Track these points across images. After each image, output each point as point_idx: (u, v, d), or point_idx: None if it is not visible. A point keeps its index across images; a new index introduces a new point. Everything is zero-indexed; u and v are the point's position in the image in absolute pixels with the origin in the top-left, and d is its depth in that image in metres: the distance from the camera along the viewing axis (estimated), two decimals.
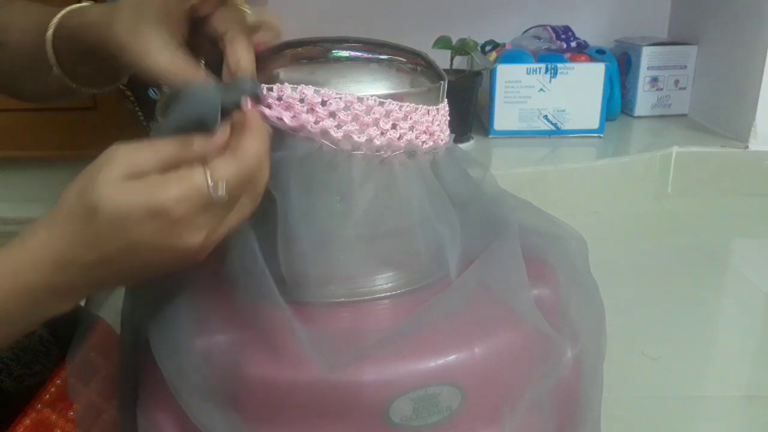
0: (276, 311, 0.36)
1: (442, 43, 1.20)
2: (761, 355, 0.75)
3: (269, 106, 0.37)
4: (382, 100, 0.38)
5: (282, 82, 0.37)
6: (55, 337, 0.47)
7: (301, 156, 0.37)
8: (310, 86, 0.37)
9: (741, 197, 1.21)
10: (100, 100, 1.28)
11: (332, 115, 0.37)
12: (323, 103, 0.37)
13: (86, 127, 1.29)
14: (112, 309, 0.53)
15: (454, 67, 1.27)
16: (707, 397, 0.67)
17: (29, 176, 1.33)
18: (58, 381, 0.46)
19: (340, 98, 0.37)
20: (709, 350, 0.76)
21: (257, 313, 0.37)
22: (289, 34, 0.42)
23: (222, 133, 0.34)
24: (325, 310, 0.38)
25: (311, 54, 0.41)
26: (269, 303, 0.36)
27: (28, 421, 0.44)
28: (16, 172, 1.33)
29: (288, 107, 0.37)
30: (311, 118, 0.37)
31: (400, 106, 0.38)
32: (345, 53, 0.40)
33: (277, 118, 0.37)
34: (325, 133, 0.37)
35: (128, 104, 1.00)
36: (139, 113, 1.00)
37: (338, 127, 0.37)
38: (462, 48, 1.21)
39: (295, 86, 0.37)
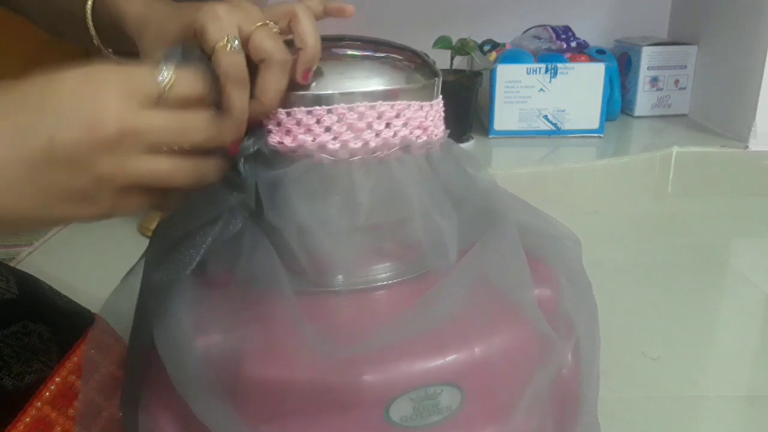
0: (279, 306, 0.36)
1: (442, 43, 1.20)
2: (761, 355, 0.75)
3: (269, 132, 0.39)
4: (372, 104, 0.39)
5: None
6: (55, 335, 0.47)
7: (301, 171, 0.38)
8: (303, 108, 0.38)
9: (741, 197, 1.21)
10: None
11: (327, 129, 0.38)
12: (318, 122, 0.38)
13: None
14: (111, 308, 0.53)
15: (454, 67, 1.27)
16: (707, 397, 0.67)
17: None
18: (58, 379, 0.46)
19: (332, 112, 0.38)
20: (709, 350, 0.76)
21: (258, 311, 0.37)
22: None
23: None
24: (328, 298, 0.39)
25: None
26: (275, 296, 0.36)
27: (28, 419, 0.44)
28: None
29: (287, 132, 0.38)
30: (309, 138, 0.38)
31: (392, 105, 0.39)
32: (341, 51, 0.41)
33: (278, 142, 0.38)
34: (322, 147, 0.38)
35: None
36: None
37: (335, 139, 0.38)
38: (462, 48, 1.21)
39: (290, 111, 0.38)
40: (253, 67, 0.37)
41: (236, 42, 0.36)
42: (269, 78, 0.36)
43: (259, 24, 0.37)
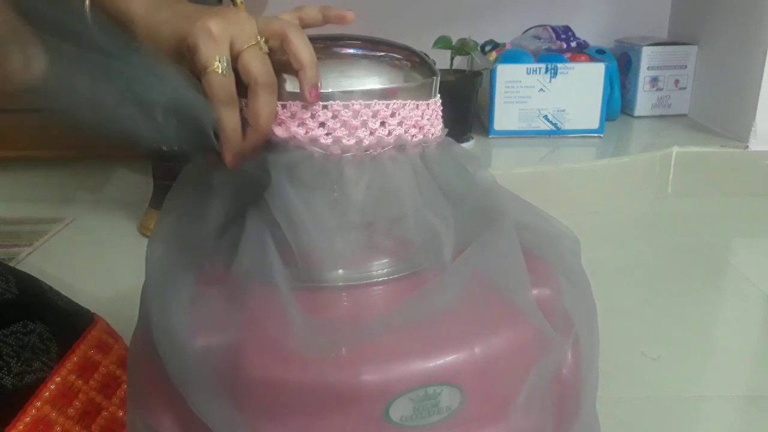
0: (277, 303, 0.36)
1: (442, 43, 1.20)
2: (761, 355, 0.75)
3: None
4: (367, 102, 0.39)
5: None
6: (55, 335, 0.47)
7: (293, 163, 0.38)
8: (298, 101, 0.38)
9: (741, 197, 1.21)
10: None
11: (322, 125, 0.39)
12: (312, 116, 0.38)
13: None
14: (111, 308, 0.53)
15: (454, 67, 1.28)
16: (707, 397, 0.67)
17: (29, 176, 1.33)
18: (58, 379, 0.46)
19: (327, 108, 0.38)
20: (709, 350, 0.76)
21: (256, 308, 0.37)
22: None
23: None
24: (323, 294, 0.39)
25: None
26: (273, 293, 0.36)
27: (28, 419, 0.44)
28: (16, 172, 1.33)
29: (280, 123, 0.39)
30: (301, 131, 0.39)
31: (387, 105, 0.39)
32: (340, 49, 0.41)
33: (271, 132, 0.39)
34: (314, 140, 0.38)
35: None
36: None
37: (327, 134, 0.39)
38: (462, 48, 1.21)
39: (285, 103, 0.38)
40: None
41: (225, 64, 0.37)
42: (257, 103, 0.37)
43: (251, 43, 0.38)
